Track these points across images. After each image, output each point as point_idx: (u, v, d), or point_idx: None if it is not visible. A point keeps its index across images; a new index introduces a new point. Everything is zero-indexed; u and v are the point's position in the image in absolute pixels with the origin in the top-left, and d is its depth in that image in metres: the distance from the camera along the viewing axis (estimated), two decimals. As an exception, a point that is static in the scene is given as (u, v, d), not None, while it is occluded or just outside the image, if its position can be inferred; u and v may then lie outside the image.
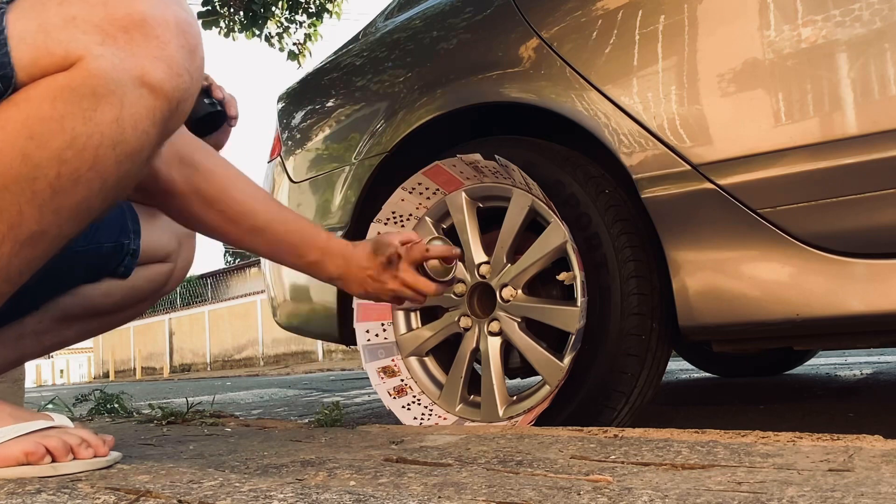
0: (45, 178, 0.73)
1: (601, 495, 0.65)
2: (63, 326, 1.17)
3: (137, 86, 0.75)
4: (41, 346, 1.16)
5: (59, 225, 0.77)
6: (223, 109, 1.25)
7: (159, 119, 0.79)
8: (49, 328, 1.15)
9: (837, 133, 1.04)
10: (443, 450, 0.98)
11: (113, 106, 0.74)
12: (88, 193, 0.77)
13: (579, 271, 1.26)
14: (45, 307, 1.13)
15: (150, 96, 0.76)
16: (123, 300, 1.21)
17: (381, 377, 1.55)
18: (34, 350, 1.16)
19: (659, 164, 1.19)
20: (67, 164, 0.73)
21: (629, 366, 1.23)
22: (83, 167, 0.74)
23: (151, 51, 0.76)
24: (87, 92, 0.73)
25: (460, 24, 1.55)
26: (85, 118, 0.73)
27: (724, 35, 1.15)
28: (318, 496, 0.68)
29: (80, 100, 0.73)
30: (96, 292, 1.17)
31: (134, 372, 23.33)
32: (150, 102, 0.77)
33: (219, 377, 12.46)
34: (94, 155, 0.74)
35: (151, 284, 1.24)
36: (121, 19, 0.74)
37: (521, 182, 1.36)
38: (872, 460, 0.76)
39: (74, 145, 0.73)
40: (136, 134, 0.77)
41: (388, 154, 1.61)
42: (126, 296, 1.21)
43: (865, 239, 1.04)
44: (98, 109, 0.73)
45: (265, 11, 7.56)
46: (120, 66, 0.74)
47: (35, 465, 0.78)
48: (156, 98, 0.77)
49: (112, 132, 0.75)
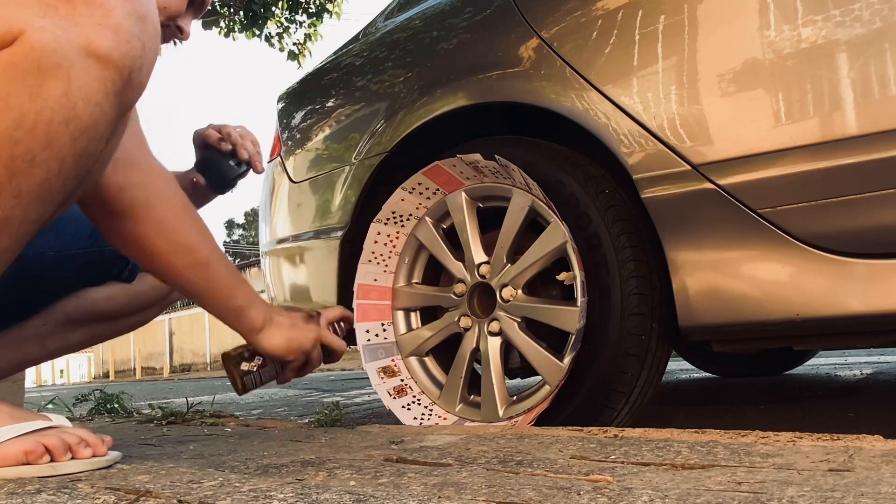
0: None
1: (601, 495, 0.65)
2: (67, 330, 1.17)
3: (84, 56, 0.72)
4: (46, 350, 1.16)
5: (23, 209, 0.74)
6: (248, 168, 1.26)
7: (112, 90, 0.75)
8: (53, 331, 1.15)
9: (837, 133, 1.04)
10: (443, 450, 0.98)
11: (59, 80, 0.71)
12: (47, 174, 0.73)
13: (579, 271, 1.26)
14: (49, 310, 1.13)
15: (98, 66, 0.73)
16: (128, 305, 1.21)
17: (381, 377, 1.55)
18: (39, 354, 1.16)
19: (659, 163, 1.19)
20: (20, 145, 0.71)
21: (629, 366, 1.23)
22: (37, 147, 0.71)
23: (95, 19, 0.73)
24: (31, 67, 0.70)
25: (460, 24, 1.55)
26: (31, 95, 0.70)
27: (724, 35, 1.15)
28: (318, 496, 0.68)
29: (25, 76, 0.70)
30: (100, 296, 1.17)
31: (134, 372, 23.34)
32: (98, 73, 0.73)
33: (219, 377, 12.45)
34: (47, 132, 0.71)
35: (157, 291, 1.23)
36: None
37: (521, 182, 1.36)
38: (872, 460, 0.76)
39: (24, 124, 0.70)
40: (88, 108, 0.74)
41: (388, 154, 1.61)
42: (131, 301, 1.20)
43: (865, 239, 1.04)
44: (44, 85, 0.70)
45: (265, 11, 7.56)
46: (63, 36, 0.71)
47: (34, 464, 0.78)
48: (104, 68, 0.74)
49: (62, 107, 0.72)
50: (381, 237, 1.58)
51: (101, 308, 1.18)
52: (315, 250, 1.79)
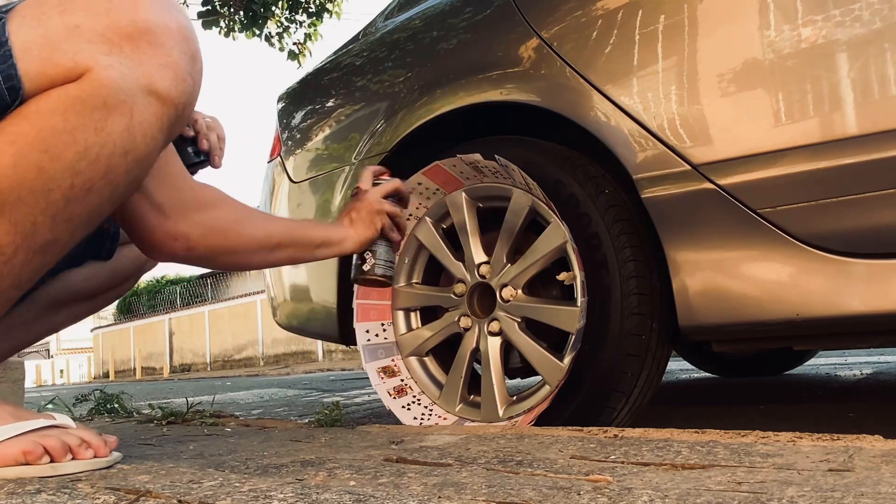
0: (59, 190, 0.74)
1: (601, 495, 0.65)
2: (51, 313, 1.18)
3: (146, 94, 0.76)
4: (31, 334, 1.17)
5: (71, 232, 0.78)
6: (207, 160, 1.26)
7: (166, 125, 0.80)
8: (37, 316, 1.16)
9: (837, 133, 1.04)
10: (443, 450, 0.98)
11: (123, 115, 0.75)
12: (100, 200, 0.78)
13: (579, 271, 1.26)
14: (32, 296, 1.14)
15: (158, 103, 0.78)
16: (107, 281, 1.22)
17: (381, 377, 1.55)
18: (25, 339, 1.17)
19: (659, 163, 1.19)
20: (81, 175, 0.74)
21: (629, 366, 1.23)
22: (96, 176, 0.76)
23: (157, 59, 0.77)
24: (98, 103, 0.73)
25: (460, 24, 1.55)
26: (97, 129, 0.74)
27: (724, 35, 1.15)
28: (318, 496, 0.68)
29: (92, 111, 0.73)
30: (80, 276, 1.18)
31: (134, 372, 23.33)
32: (158, 109, 0.78)
33: (219, 377, 12.46)
34: (107, 164, 0.76)
35: (133, 263, 1.25)
36: (125, 27, 0.75)
37: (521, 182, 1.36)
38: (872, 460, 0.76)
39: (87, 156, 0.74)
40: (145, 141, 0.78)
41: (388, 154, 1.61)
42: (109, 277, 1.22)
43: (865, 239, 1.04)
44: (109, 120, 0.74)
45: (265, 11, 7.56)
46: (129, 75, 0.75)
47: (33, 464, 0.78)
48: (163, 105, 0.78)
49: (123, 141, 0.76)
50: (381, 237, 1.58)
51: (82, 288, 1.19)
52: (315, 250, 1.79)
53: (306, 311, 1.85)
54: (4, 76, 0.71)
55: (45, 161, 0.72)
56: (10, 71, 0.71)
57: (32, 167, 0.72)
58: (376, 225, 1.27)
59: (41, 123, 0.72)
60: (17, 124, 0.73)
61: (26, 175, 0.72)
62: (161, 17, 0.78)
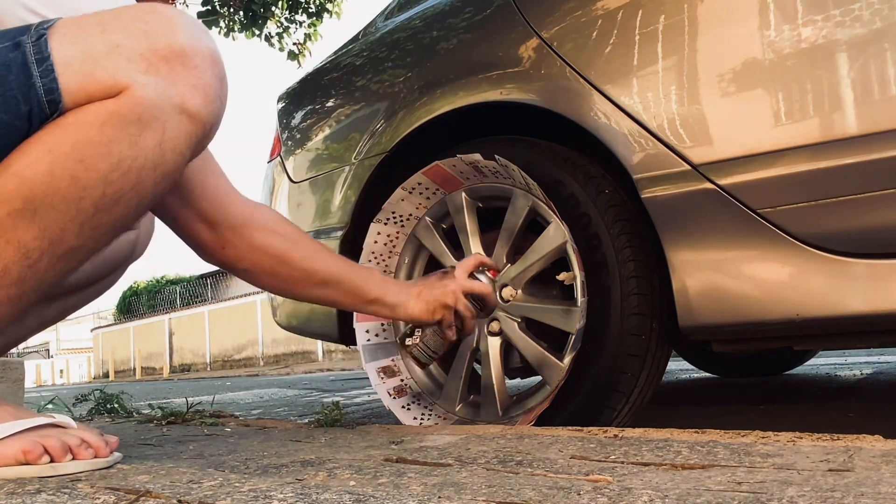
0: (90, 199, 0.77)
1: (601, 495, 0.65)
2: (42, 307, 1.18)
3: (178, 112, 0.81)
4: (24, 330, 1.18)
5: (95, 240, 0.81)
6: None
7: (195, 142, 0.84)
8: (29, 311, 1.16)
9: (837, 133, 1.04)
10: (443, 450, 0.98)
11: (156, 132, 0.79)
12: (126, 211, 0.82)
13: (579, 271, 1.26)
14: None
15: (189, 122, 0.82)
16: (95, 273, 1.23)
17: (381, 377, 1.55)
18: (19, 334, 1.18)
19: (659, 163, 1.19)
20: (112, 186, 0.78)
21: (629, 366, 1.23)
22: (126, 187, 0.79)
23: (191, 80, 0.81)
24: (134, 119, 0.77)
25: (460, 24, 1.54)
26: (131, 143, 0.78)
27: (723, 35, 1.15)
28: (318, 496, 0.68)
29: (128, 126, 0.77)
30: None
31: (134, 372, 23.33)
32: (188, 128, 0.82)
33: (219, 377, 12.46)
34: (137, 177, 0.79)
35: (120, 254, 1.26)
36: (162, 49, 0.79)
37: (521, 182, 1.36)
38: (872, 460, 0.76)
39: (120, 168, 0.78)
40: (174, 157, 0.82)
41: (388, 154, 1.61)
42: (97, 268, 1.22)
43: (865, 239, 1.04)
44: (143, 135, 0.78)
45: (265, 11, 7.56)
46: (164, 94, 0.79)
47: (32, 464, 0.78)
48: (193, 124, 0.82)
49: (154, 156, 0.80)
50: (380, 237, 1.58)
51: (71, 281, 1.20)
52: (315, 250, 1.79)
53: (306, 311, 1.85)
54: (46, 89, 0.75)
55: (79, 170, 0.76)
56: (51, 84, 0.75)
57: (67, 176, 0.75)
58: (436, 316, 1.25)
59: (79, 135, 0.76)
60: (54, 134, 0.76)
61: (60, 183, 0.75)
62: (195, 41, 0.82)
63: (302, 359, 16.80)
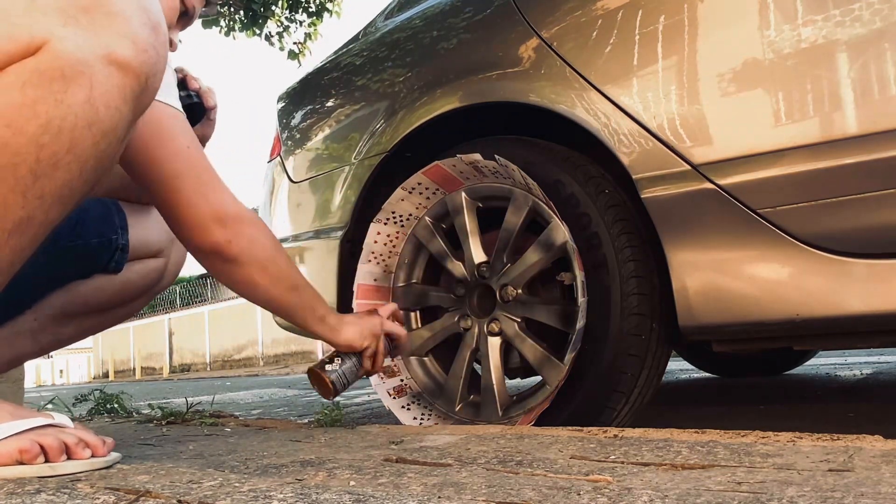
0: (25, 164, 0.73)
1: (601, 495, 0.65)
2: (59, 324, 1.17)
3: (105, 64, 0.76)
4: (38, 345, 1.17)
5: (45, 210, 0.77)
6: (200, 101, 1.26)
7: (130, 96, 0.79)
8: (45, 326, 1.16)
9: (837, 133, 1.04)
10: (443, 450, 0.98)
11: (83, 87, 0.75)
12: (69, 176, 0.77)
13: (579, 271, 1.26)
14: (39, 305, 1.13)
15: (119, 74, 0.77)
16: (117, 296, 1.22)
17: (381, 377, 1.55)
18: (32, 349, 1.17)
19: (659, 163, 1.19)
20: (46, 149, 0.74)
21: (629, 366, 1.23)
22: (61, 150, 0.75)
23: (115, 29, 0.76)
24: (57, 75, 0.73)
25: (460, 23, 1.54)
26: (56, 101, 0.73)
27: (723, 35, 1.15)
28: (318, 496, 0.68)
29: (50, 83, 0.73)
30: (89, 288, 1.18)
31: (133, 372, 23.33)
32: (119, 80, 0.77)
33: (218, 377, 12.45)
34: (71, 137, 0.75)
35: (144, 280, 1.24)
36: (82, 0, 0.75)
37: (521, 182, 1.36)
38: (872, 460, 0.76)
39: (50, 129, 0.73)
40: (108, 112, 0.77)
41: (388, 154, 1.61)
42: (119, 291, 1.21)
43: (865, 239, 1.04)
44: (69, 91, 0.74)
45: (265, 11, 7.57)
46: (85, 46, 0.74)
47: (29, 463, 0.78)
48: (125, 75, 0.77)
49: (85, 113, 0.75)
50: (380, 237, 1.58)
51: (90, 300, 1.19)
52: (315, 250, 1.79)
53: (306, 311, 1.85)
54: None
55: (7, 136, 0.72)
56: None
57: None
58: (364, 343, 1.30)
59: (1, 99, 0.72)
60: None
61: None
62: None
63: (302, 359, 16.79)
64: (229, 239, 1.08)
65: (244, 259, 1.11)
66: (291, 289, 1.19)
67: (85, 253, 1.12)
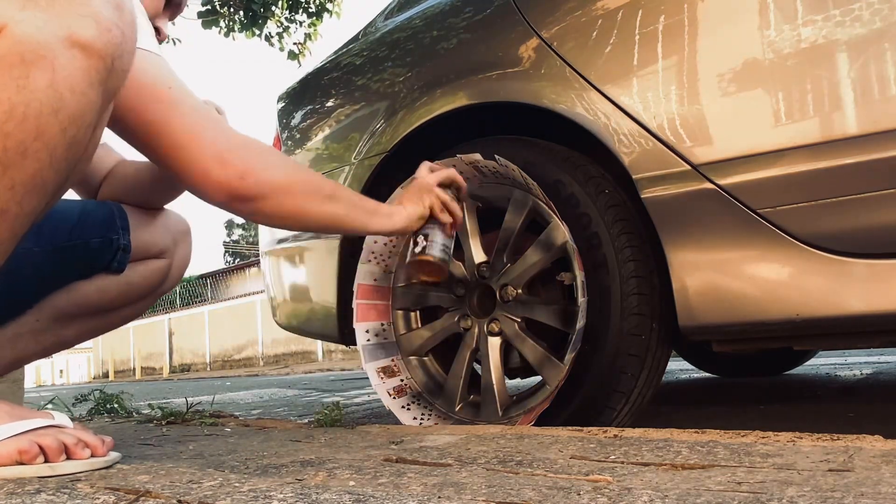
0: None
1: (601, 495, 0.65)
2: (61, 326, 1.17)
3: (67, 47, 0.73)
4: (40, 346, 1.16)
5: (18, 202, 0.75)
6: None
7: (96, 79, 0.77)
8: (47, 327, 1.15)
9: (837, 133, 1.04)
10: (443, 450, 0.98)
11: (45, 71, 0.72)
12: (39, 165, 0.75)
13: (579, 271, 1.26)
14: (40, 306, 1.13)
15: (82, 56, 0.74)
16: (119, 297, 1.21)
17: (381, 377, 1.55)
18: (34, 350, 1.16)
19: (659, 163, 1.19)
20: (11, 137, 0.72)
21: (629, 366, 1.23)
22: (28, 138, 0.72)
23: (75, 9, 0.74)
24: (16, 60, 0.71)
25: (460, 23, 1.54)
26: (18, 87, 0.71)
27: (723, 35, 1.15)
28: (318, 496, 0.68)
29: (10, 68, 0.71)
30: (91, 289, 1.17)
31: (133, 372, 23.32)
32: (83, 62, 0.75)
33: (218, 377, 12.46)
34: (37, 124, 0.73)
35: (147, 281, 1.23)
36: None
37: (521, 182, 1.36)
38: (872, 460, 0.76)
39: (14, 116, 0.71)
40: (74, 97, 0.75)
41: (388, 154, 1.61)
42: (122, 292, 1.21)
43: (865, 239, 1.04)
44: (30, 76, 0.71)
45: (265, 11, 7.56)
46: (45, 28, 0.72)
47: (28, 464, 0.78)
48: (88, 57, 0.75)
49: (49, 98, 0.73)
50: (380, 237, 1.58)
51: (93, 301, 1.18)
52: (315, 250, 1.79)
53: (306, 312, 1.85)
54: None
55: None
56: None
57: None
58: (424, 202, 1.26)
59: None
60: None
61: None
62: None
63: (302, 359, 16.79)
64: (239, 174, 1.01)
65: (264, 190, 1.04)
66: (328, 198, 1.13)
67: (85, 253, 1.12)
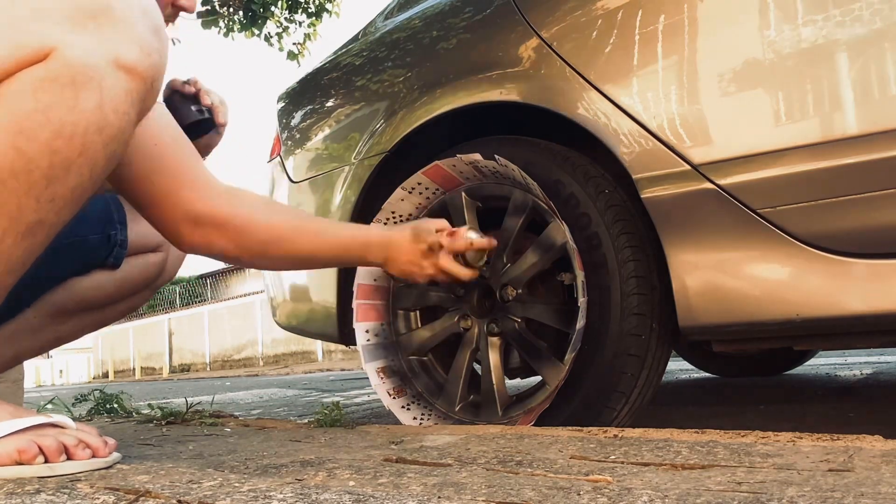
0: (38, 170, 0.75)
1: (601, 495, 0.65)
2: (58, 322, 1.17)
3: (114, 69, 0.77)
4: (38, 343, 1.17)
5: (56, 212, 0.79)
6: (210, 117, 1.26)
7: (137, 99, 0.81)
8: (44, 324, 1.16)
9: (837, 133, 1.04)
10: (442, 450, 0.98)
11: (93, 92, 0.76)
12: (80, 179, 0.78)
13: (579, 271, 1.26)
14: (38, 303, 1.14)
15: (127, 78, 0.79)
16: (117, 292, 1.22)
17: (381, 377, 1.55)
18: (31, 347, 1.17)
19: (659, 163, 1.19)
20: (59, 154, 0.75)
21: (629, 366, 1.23)
22: (73, 154, 0.76)
23: (121, 34, 0.78)
24: (67, 81, 0.74)
25: (460, 23, 1.54)
26: (69, 107, 0.75)
27: (723, 35, 1.15)
28: (318, 496, 0.67)
29: (62, 89, 0.74)
30: (88, 285, 1.18)
31: (133, 372, 23.32)
32: (127, 84, 0.79)
33: (218, 377, 12.46)
34: (83, 142, 0.76)
35: (144, 275, 1.24)
36: (87, 6, 0.76)
37: (521, 182, 1.36)
38: (872, 460, 0.76)
39: (63, 134, 0.75)
40: (118, 117, 0.79)
41: (388, 154, 1.61)
42: (119, 287, 1.21)
43: (865, 239, 1.04)
44: (80, 97, 0.75)
45: (264, 11, 7.57)
46: (94, 52, 0.76)
47: (28, 464, 0.78)
48: (132, 79, 0.79)
49: (96, 118, 0.77)
50: (380, 237, 1.58)
51: (90, 297, 1.19)
52: (315, 250, 1.79)
53: (306, 311, 1.85)
54: None
55: (21, 142, 0.73)
56: None
57: (10, 149, 0.73)
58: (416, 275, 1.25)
59: (13, 106, 0.73)
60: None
61: (5, 158, 0.73)
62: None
63: (302, 359, 16.79)
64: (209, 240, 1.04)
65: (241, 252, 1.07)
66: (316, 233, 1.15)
67: (83, 248, 1.12)
